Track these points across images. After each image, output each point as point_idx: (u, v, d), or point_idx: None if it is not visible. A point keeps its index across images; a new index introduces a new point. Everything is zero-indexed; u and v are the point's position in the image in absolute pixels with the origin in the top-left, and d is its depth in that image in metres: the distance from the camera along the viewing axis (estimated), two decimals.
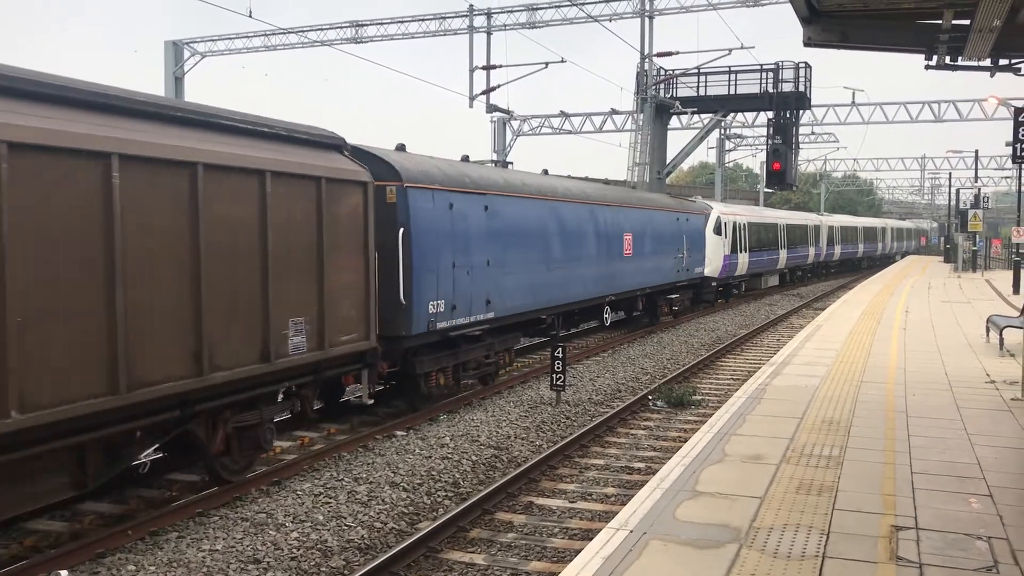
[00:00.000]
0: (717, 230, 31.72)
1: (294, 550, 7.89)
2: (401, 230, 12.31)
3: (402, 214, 12.38)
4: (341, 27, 39.34)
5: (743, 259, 34.53)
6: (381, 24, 38.95)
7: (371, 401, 11.91)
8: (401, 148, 13.72)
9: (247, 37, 40.86)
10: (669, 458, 8.69)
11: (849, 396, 11.22)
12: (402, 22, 38.66)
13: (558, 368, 14.30)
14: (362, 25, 39.06)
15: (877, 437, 8.98)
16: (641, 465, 10.96)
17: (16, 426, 6.56)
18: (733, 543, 5.91)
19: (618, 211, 21.31)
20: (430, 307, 12.99)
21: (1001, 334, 15.79)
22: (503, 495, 9.65)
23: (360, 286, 11.03)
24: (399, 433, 12.30)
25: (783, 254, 41.60)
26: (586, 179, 26.04)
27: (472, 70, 35.10)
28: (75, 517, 8.79)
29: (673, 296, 26.05)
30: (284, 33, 39.45)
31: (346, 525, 8.58)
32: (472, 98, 34.59)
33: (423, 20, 38.41)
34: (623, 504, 8.06)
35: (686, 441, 9.58)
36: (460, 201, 13.90)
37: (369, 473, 10.15)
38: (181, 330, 8.18)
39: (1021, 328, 15.50)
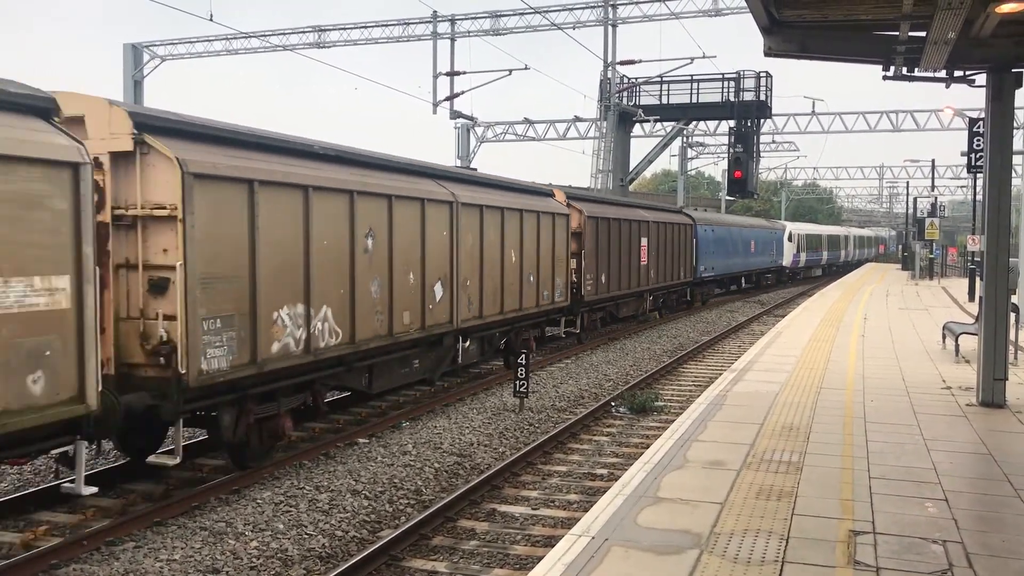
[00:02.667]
0: (789, 238, 52.68)
1: (254, 559, 7.80)
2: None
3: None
4: (304, 32, 39.12)
5: (802, 256, 56.23)
6: (344, 29, 38.78)
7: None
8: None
9: (208, 40, 40.46)
10: (631, 464, 8.72)
11: (809, 402, 11.35)
12: (365, 27, 38.53)
13: (521, 375, 14.30)
14: (325, 30, 38.86)
15: (836, 443, 9.08)
16: (604, 471, 10.98)
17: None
18: (694, 549, 5.94)
19: (748, 230, 44.09)
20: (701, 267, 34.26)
21: (957, 341, 16.07)
22: (466, 502, 9.61)
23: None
24: (361, 440, 12.22)
25: (825, 255, 64.06)
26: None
27: (436, 76, 35.09)
28: (27, 527, 8.62)
29: (768, 275, 50.41)
30: (246, 37, 39.12)
31: (307, 534, 8.50)
32: (436, 104, 34.57)
33: (387, 25, 38.31)
34: (586, 510, 8.06)
35: (648, 447, 9.62)
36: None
37: (331, 481, 10.07)
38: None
39: (976, 335, 15.77)
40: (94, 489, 8.45)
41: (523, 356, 14.38)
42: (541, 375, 18.09)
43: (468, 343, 15.66)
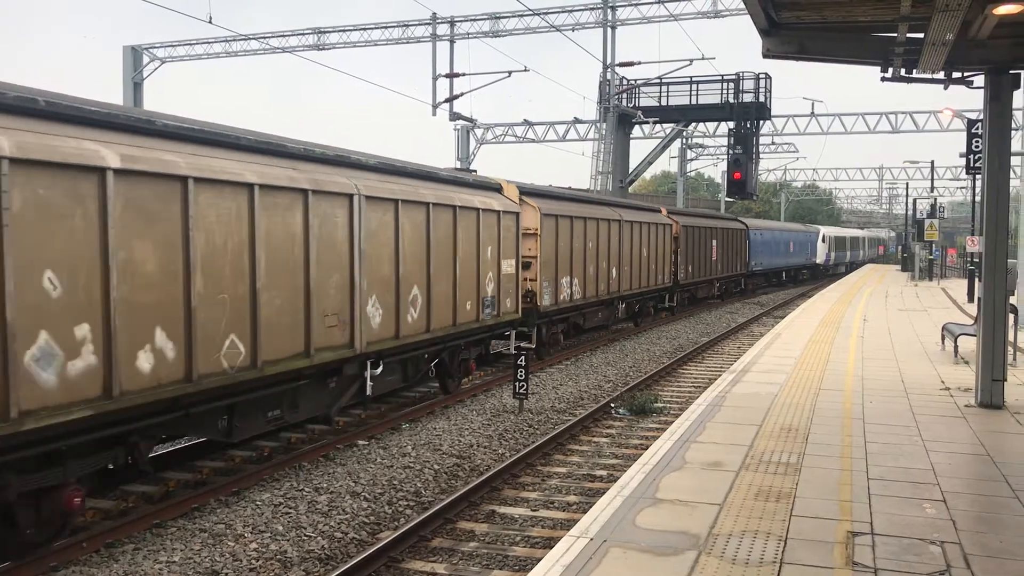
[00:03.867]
0: (823, 240, 64.08)
1: (253, 561, 7.81)
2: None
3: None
4: (303, 34, 39.15)
5: (832, 255, 67.89)
6: (344, 31, 38.83)
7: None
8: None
9: (208, 43, 40.51)
10: (631, 465, 8.72)
11: (807, 403, 11.36)
12: (365, 29, 38.57)
13: (521, 376, 14.31)
14: (324, 32, 38.90)
15: (834, 444, 9.09)
16: (603, 473, 10.99)
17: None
18: (692, 550, 5.95)
19: (788, 233, 53.88)
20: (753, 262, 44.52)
21: (956, 342, 16.08)
22: (465, 504, 9.62)
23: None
24: (360, 442, 12.23)
25: (849, 254, 76.35)
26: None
27: (435, 78, 35.12)
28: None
29: (804, 271, 60.09)
30: (245, 39, 39.15)
31: (306, 535, 8.51)
32: (435, 106, 34.60)
33: (386, 27, 38.35)
34: (585, 512, 8.07)
35: (647, 448, 9.62)
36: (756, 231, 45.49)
37: (330, 483, 10.09)
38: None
39: (975, 336, 15.78)
40: None
41: (522, 357, 14.38)
42: (541, 376, 18.10)
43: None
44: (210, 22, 25.16)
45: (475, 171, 21.00)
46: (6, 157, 6.94)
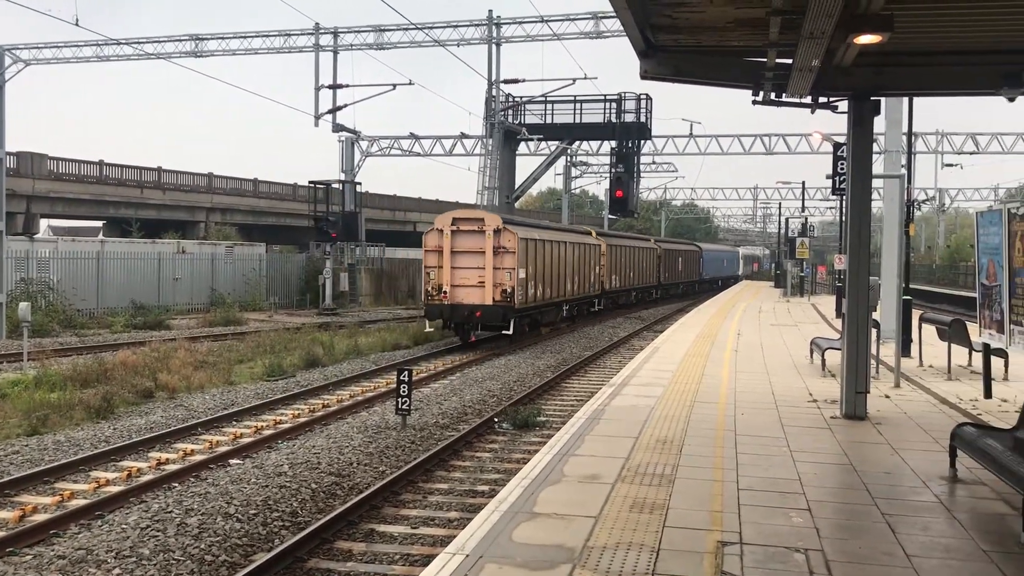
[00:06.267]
0: (742, 257, 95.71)
1: None
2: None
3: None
4: (180, 40, 38.03)
5: (744, 269, 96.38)
6: (223, 39, 37.91)
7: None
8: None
9: (76, 46, 38.90)
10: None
11: (683, 416, 11.62)
12: (245, 37, 37.76)
13: (404, 392, 14.16)
14: (202, 39, 37.87)
15: (707, 455, 9.32)
16: (485, 488, 10.96)
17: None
18: (567, 563, 5.97)
19: (724, 252, 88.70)
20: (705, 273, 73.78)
21: (823, 355, 16.76)
22: (343, 523, 9.43)
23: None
24: (234, 462, 11.87)
25: (750, 268, 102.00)
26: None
27: (318, 89, 34.64)
28: None
29: (732, 279, 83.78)
30: (117, 44, 37.73)
31: (174, 559, 8.17)
32: (318, 117, 34.10)
33: (267, 36, 37.63)
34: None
35: (528, 462, 9.64)
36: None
37: (202, 504, 9.72)
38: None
39: (840, 350, 16.48)
40: None
41: (405, 373, 14.24)
42: (425, 391, 17.99)
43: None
44: (76, 24, 24.12)
45: (360, 183, 20.91)
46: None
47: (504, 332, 25.83)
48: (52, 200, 44.07)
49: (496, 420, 15.04)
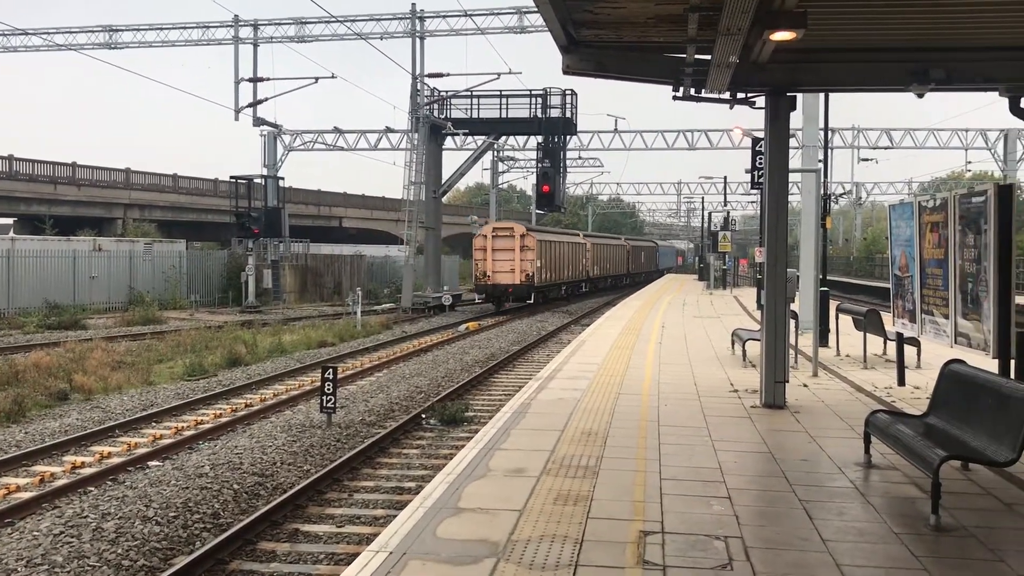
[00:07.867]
0: (676, 251, 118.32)
1: None
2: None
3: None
4: (93, 31, 36.92)
5: (666, 264, 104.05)
6: (139, 30, 36.92)
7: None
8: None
9: None
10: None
11: (608, 408, 11.73)
12: (161, 29, 36.85)
13: (328, 389, 13.99)
14: (116, 30, 36.83)
15: (631, 446, 9.42)
16: (412, 485, 10.90)
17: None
18: (491, 558, 5.97)
19: (667, 248, 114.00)
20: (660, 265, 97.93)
21: (744, 346, 17.09)
22: (266, 524, 9.28)
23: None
24: (153, 464, 11.59)
25: (679, 260, 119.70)
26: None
27: (238, 82, 34.01)
28: None
29: (669, 270, 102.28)
30: (24, 34, 36.43)
31: (89, 565, 7.94)
32: (238, 111, 33.47)
33: (184, 28, 36.80)
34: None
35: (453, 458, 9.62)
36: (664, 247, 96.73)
37: (119, 508, 9.46)
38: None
39: (760, 340, 16.83)
40: None
41: (330, 371, 14.08)
42: (351, 389, 17.82)
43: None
44: None
45: (283, 178, 20.25)
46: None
47: (527, 302, 40.51)
48: None
49: (424, 416, 14.98)
